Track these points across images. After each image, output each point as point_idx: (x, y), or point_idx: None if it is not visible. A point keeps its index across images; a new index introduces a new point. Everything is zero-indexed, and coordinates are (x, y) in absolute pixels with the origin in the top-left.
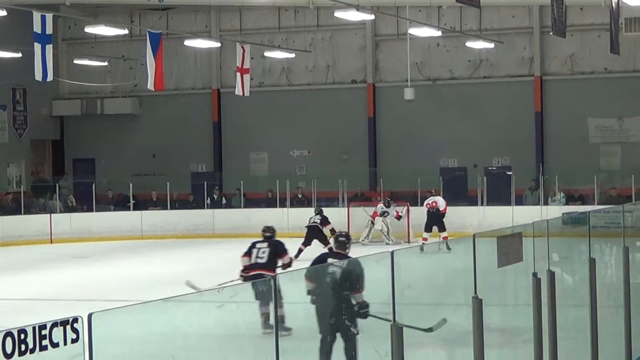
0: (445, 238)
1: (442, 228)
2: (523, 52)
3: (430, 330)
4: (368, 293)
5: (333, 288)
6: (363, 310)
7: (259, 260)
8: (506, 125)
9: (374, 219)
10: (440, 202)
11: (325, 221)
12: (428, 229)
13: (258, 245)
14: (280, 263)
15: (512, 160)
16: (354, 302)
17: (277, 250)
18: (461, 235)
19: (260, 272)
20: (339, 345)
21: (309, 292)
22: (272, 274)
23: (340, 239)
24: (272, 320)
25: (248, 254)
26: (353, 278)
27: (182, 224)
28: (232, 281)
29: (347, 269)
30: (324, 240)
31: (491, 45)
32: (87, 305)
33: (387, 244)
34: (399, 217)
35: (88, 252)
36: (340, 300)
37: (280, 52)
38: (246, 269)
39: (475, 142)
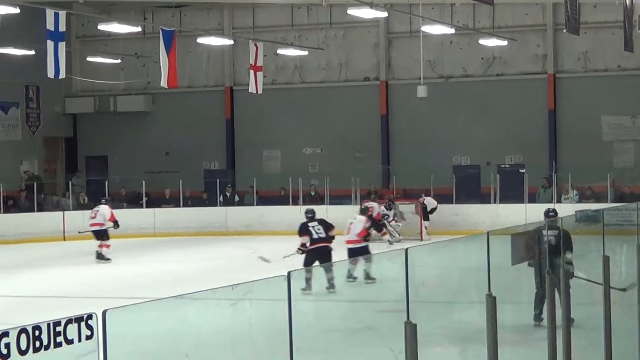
0: (384, 233)
1: (379, 229)
2: (536, 49)
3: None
4: (382, 290)
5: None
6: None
7: (321, 235)
8: (519, 122)
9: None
10: (375, 207)
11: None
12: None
13: (311, 224)
14: (332, 233)
15: (525, 158)
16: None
17: (327, 225)
18: (474, 233)
19: (325, 245)
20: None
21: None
22: (331, 244)
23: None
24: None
25: (307, 232)
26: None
27: (194, 221)
28: (295, 254)
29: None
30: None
31: (504, 42)
32: (100, 302)
33: (390, 243)
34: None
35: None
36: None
37: (293, 49)
38: (313, 243)
39: (488, 140)
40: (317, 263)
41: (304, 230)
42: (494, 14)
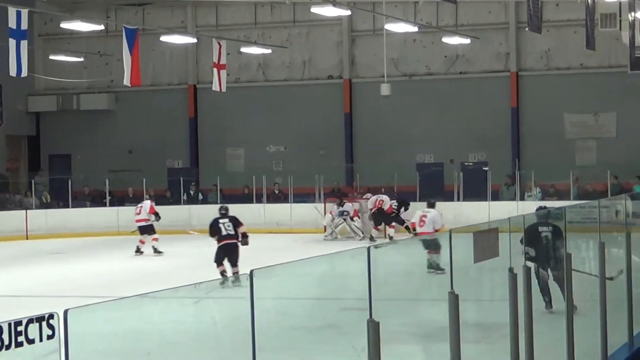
0: (392, 227)
1: (388, 222)
2: (499, 47)
3: (610, 279)
4: (343, 289)
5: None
6: None
7: (230, 232)
8: (482, 120)
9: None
10: (386, 200)
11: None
12: (378, 224)
13: (221, 221)
14: (242, 230)
15: (488, 156)
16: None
17: (237, 222)
18: (437, 231)
19: (233, 241)
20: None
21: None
22: (238, 240)
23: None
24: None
25: (217, 229)
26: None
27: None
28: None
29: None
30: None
31: (467, 40)
32: (62, 301)
33: (360, 239)
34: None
35: (64, 248)
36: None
37: (257, 47)
38: (221, 239)
39: (452, 138)
40: (226, 259)
41: (214, 226)
42: (457, 12)
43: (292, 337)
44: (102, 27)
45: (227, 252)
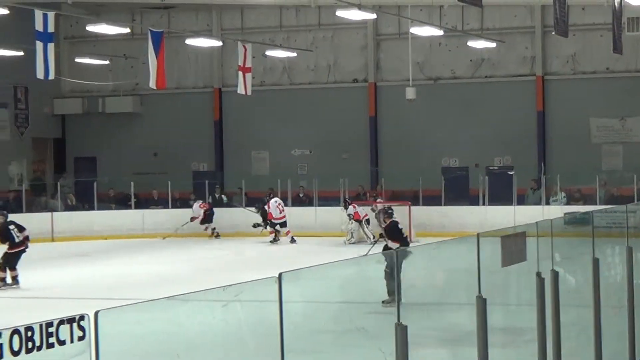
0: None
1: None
2: (525, 51)
3: None
4: (369, 292)
5: None
6: None
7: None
8: (508, 124)
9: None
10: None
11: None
12: None
13: (11, 227)
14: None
15: (513, 160)
16: None
17: (22, 228)
18: (463, 235)
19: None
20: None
21: None
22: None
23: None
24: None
25: (9, 236)
26: None
27: (183, 222)
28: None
29: None
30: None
31: (493, 44)
32: (89, 303)
33: (370, 243)
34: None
35: (90, 251)
36: None
37: (282, 51)
38: (14, 246)
39: (477, 142)
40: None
41: (5, 233)
42: (483, 16)
43: (319, 340)
44: (127, 30)
45: (18, 258)
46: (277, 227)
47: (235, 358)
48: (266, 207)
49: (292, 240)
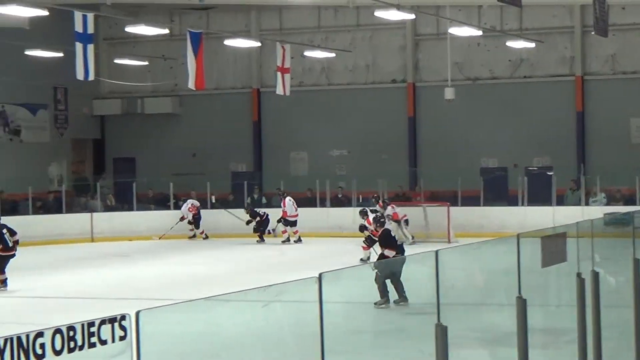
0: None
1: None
2: (564, 51)
3: None
4: (411, 292)
5: None
6: None
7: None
8: (547, 125)
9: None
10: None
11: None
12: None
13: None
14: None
15: (552, 160)
16: None
17: (13, 232)
18: (502, 236)
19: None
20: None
21: None
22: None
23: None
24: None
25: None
26: None
27: (222, 222)
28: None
29: None
30: None
31: (532, 44)
32: (130, 303)
33: (410, 244)
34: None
35: (129, 251)
36: None
37: (320, 51)
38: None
39: (516, 142)
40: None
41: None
42: (522, 16)
43: (359, 340)
44: (166, 31)
45: (8, 261)
46: (289, 226)
47: (274, 358)
48: (281, 204)
49: (299, 240)
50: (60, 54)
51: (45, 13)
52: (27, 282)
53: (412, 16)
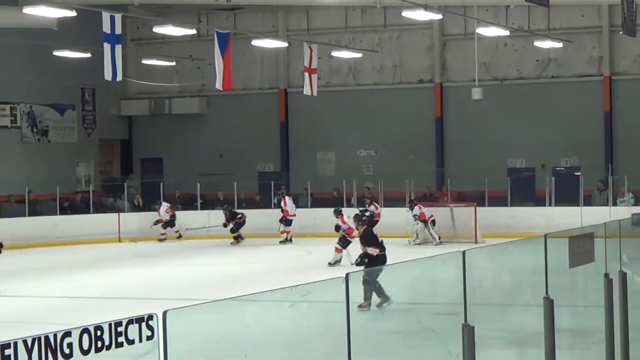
0: None
1: None
2: (592, 51)
3: None
4: (436, 293)
5: None
6: None
7: None
8: (574, 125)
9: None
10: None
11: None
12: None
13: None
14: None
15: (580, 161)
16: None
17: None
18: (529, 236)
19: None
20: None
21: None
22: None
23: None
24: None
25: None
26: None
27: (249, 223)
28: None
29: None
30: None
31: (560, 44)
32: (157, 303)
33: (436, 244)
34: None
35: (156, 251)
36: None
37: (348, 51)
38: None
39: (543, 142)
40: None
41: None
42: (549, 16)
43: (386, 341)
44: (194, 31)
45: None
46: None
47: (302, 358)
48: (282, 204)
49: (289, 240)
50: (88, 55)
51: (74, 14)
52: (54, 282)
53: (440, 16)
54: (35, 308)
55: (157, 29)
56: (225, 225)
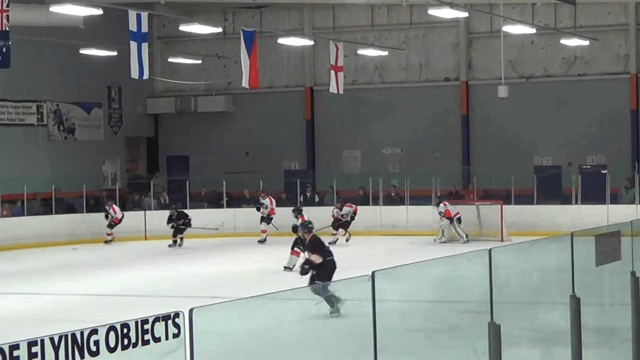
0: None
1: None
2: (619, 49)
3: None
4: (462, 291)
5: None
6: None
7: None
8: (601, 123)
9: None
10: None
11: None
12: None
13: None
14: None
15: (607, 159)
16: None
17: None
18: (555, 234)
19: None
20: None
21: None
22: None
23: None
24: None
25: None
26: None
27: (275, 221)
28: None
29: None
30: None
31: (586, 42)
32: (183, 301)
33: (463, 242)
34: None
35: (182, 249)
36: None
37: (374, 49)
38: None
39: (570, 140)
40: None
41: None
42: (576, 14)
43: (412, 339)
44: (220, 29)
45: None
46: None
47: (327, 356)
48: (268, 202)
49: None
50: (115, 53)
51: (100, 12)
52: (80, 279)
53: (466, 14)
54: (61, 305)
55: (184, 27)
56: (169, 222)
